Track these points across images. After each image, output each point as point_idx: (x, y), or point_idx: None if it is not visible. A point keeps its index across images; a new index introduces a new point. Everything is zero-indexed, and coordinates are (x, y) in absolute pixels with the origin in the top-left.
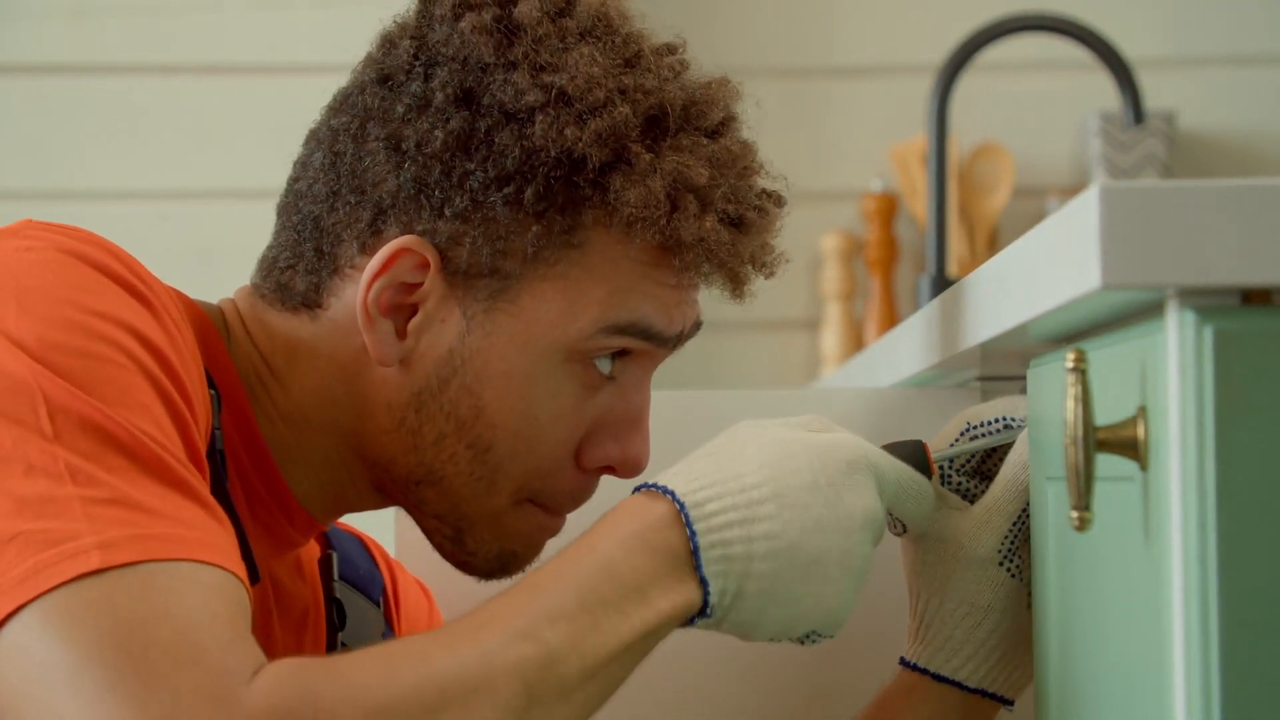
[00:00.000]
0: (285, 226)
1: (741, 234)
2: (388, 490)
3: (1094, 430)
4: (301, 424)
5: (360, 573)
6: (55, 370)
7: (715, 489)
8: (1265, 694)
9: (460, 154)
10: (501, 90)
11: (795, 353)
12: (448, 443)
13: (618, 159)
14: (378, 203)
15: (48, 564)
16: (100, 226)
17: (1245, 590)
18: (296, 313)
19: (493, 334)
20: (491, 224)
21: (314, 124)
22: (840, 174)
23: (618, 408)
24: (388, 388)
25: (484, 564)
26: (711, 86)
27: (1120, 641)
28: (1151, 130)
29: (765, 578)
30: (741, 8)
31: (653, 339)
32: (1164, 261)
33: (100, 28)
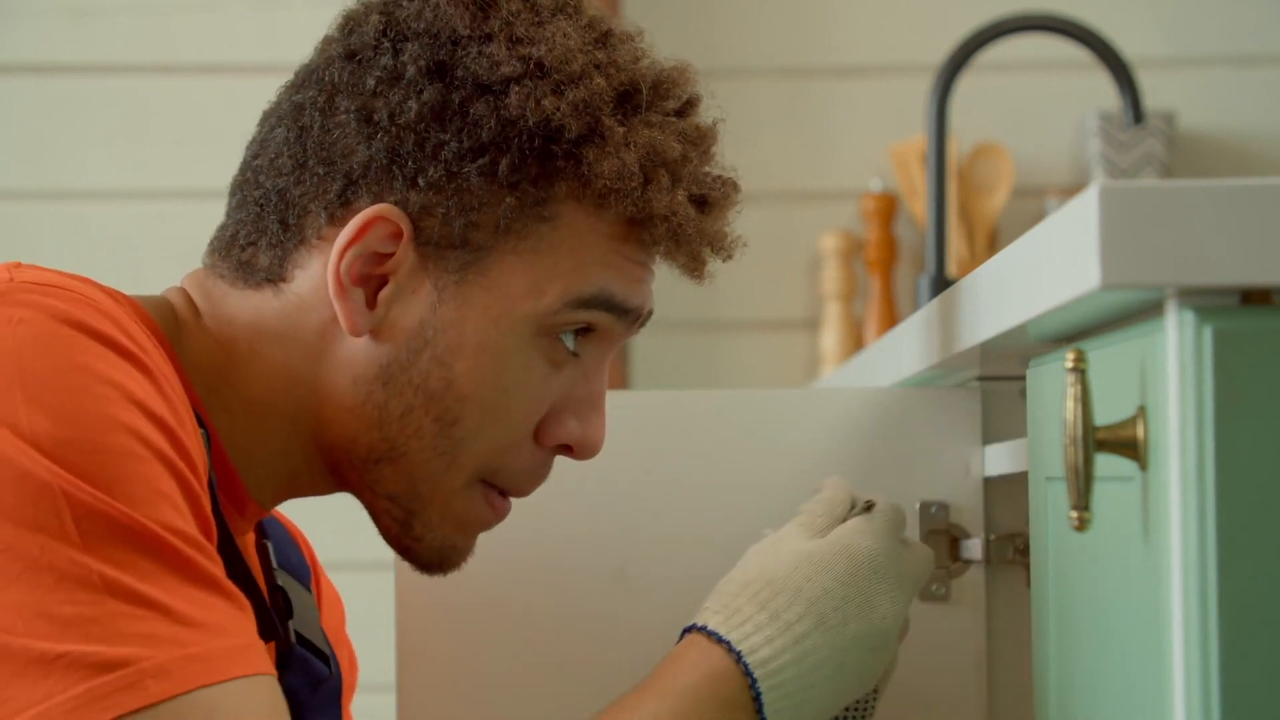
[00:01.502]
0: (244, 202)
1: (705, 214)
2: (343, 472)
3: (1093, 430)
4: (263, 410)
5: (293, 561)
6: (73, 470)
7: (765, 633)
8: (1264, 693)
9: (434, 125)
10: (476, 62)
11: (795, 353)
12: (414, 416)
13: (592, 131)
14: (348, 173)
15: (102, 693)
16: (100, 226)
17: (1244, 590)
18: (259, 289)
19: (464, 306)
20: (464, 195)
21: (270, 104)
22: (839, 174)
23: (580, 387)
24: (355, 362)
25: (426, 553)
26: (676, 69)
27: (1120, 641)
28: (1151, 130)
29: (817, 700)
30: (741, 8)
31: (617, 311)
32: (1163, 261)
33: (100, 27)
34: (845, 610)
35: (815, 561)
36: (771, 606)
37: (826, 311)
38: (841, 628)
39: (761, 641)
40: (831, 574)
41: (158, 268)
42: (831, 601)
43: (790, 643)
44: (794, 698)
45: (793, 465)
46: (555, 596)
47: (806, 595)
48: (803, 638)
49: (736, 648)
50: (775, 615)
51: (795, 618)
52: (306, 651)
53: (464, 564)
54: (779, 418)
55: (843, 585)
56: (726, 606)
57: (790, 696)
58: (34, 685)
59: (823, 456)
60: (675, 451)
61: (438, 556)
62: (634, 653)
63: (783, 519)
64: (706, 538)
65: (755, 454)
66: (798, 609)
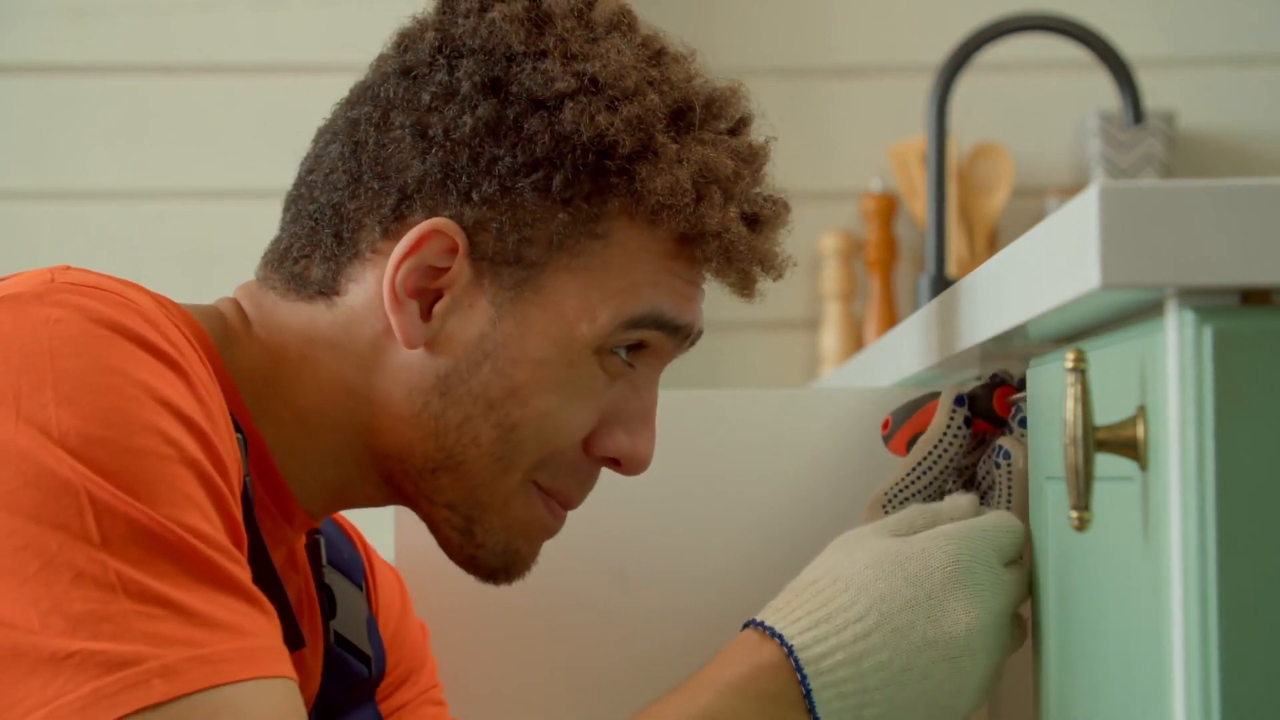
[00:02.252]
0: (299, 216)
1: (756, 232)
2: (396, 483)
3: (1093, 430)
4: (314, 421)
5: (345, 557)
6: (98, 469)
7: (821, 629)
8: (1264, 693)
9: (489, 140)
10: (531, 78)
11: (795, 353)
12: (472, 425)
13: (645, 148)
14: (402, 188)
15: (109, 692)
16: (100, 226)
17: (1244, 590)
18: (312, 301)
19: (524, 323)
20: (518, 210)
21: (325, 120)
22: (839, 174)
23: (631, 401)
24: (409, 372)
25: (490, 559)
26: (729, 88)
27: (1120, 641)
28: (1151, 130)
29: (880, 704)
30: (741, 8)
31: (668, 329)
32: (1163, 261)
33: (100, 27)
34: (913, 613)
35: (888, 560)
36: (833, 604)
37: (826, 311)
38: (908, 630)
39: (815, 638)
40: (902, 574)
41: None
42: (897, 603)
43: (848, 640)
44: (851, 699)
45: (792, 465)
46: (555, 596)
47: (870, 594)
48: (861, 637)
49: (788, 642)
50: (834, 613)
51: (856, 616)
52: (345, 652)
53: (528, 572)
54: (779, 418)
55: (912, 587)
56: (788, 603)
57: (847, 697)
58: (44, 685)
59: (823, 456)
60: (675, 451)
61: (502, 562)
62: (634, 652)
63: (783, 518)
64: (706, 537)
65: (755, 454)
66: (860, 607)
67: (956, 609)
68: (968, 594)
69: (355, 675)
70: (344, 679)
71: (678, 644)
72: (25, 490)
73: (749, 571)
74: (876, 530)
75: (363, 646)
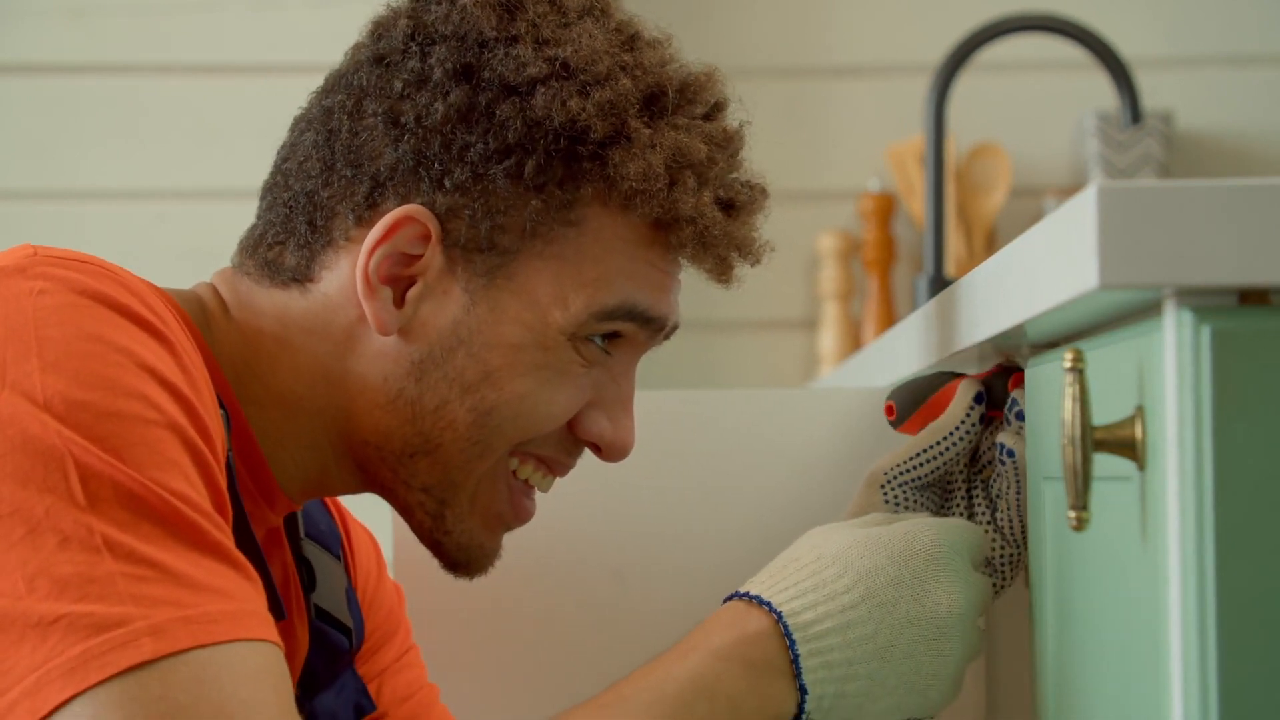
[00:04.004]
0: (274, 204)
1: (732, 217)
2: (372, 469)
3: (1091, 430)
4: (292, 405)
5: (322, 528)
6: (83, 433)
7: (809, 597)
8: (1262, 693)
9: (461, 127)
10: (503, 64)
11: (793, 353)
12: (449, 409)
13: (618, 133)
14: (375, 175)
15: (98, 652)
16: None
17: (1242, 589)
18: (286, 288)
19: (497, 309)
20: (491, 197)
21: (301, 109)
22: (837, 174)
23: (610, 389)
24: (384, 359)
25: (455, 549)
26: (703, 73)
27: (1117, 641)
28: (1149, 130)
29: (863, 678)
30: (739, 8)
31: (641, 321)
32: (1161, 261)
33: (100, 27)
34: (898, 590)
35: (871, 541)
36: (820, 575)
37: (824, 311)
38: (892, 606)
39: (804, 605)
40: (886, 552)
41: (157, 268)
42: (882, 578)
43: (835, 610)
44: (837, 669)
45: (790, 465)
46: (552, 596)
47: (857, 568)
48: (849, 608)
49: (777, 609)
50: (822, 583)
51: (844, 588)
52: (325, 625)
53: (491, 567)
54: (777, 418)
55: (896, 565)
56: (772, 577)
57: (832, 667)
58: (34, 649)
59: (821, 456)
60: (673, 452)
61: (465, 555)
62: (631, 652)
63: (780, 519)
64: (704, 538)
65: (753, 454)
66: (847, 580)
67: (938, 591)
68: (948, 579)
69: (337, 647)
70: (326, 651)
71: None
72: (11, 456)
73: (746, 572)
74: (849, 525)
75: (343, 618)
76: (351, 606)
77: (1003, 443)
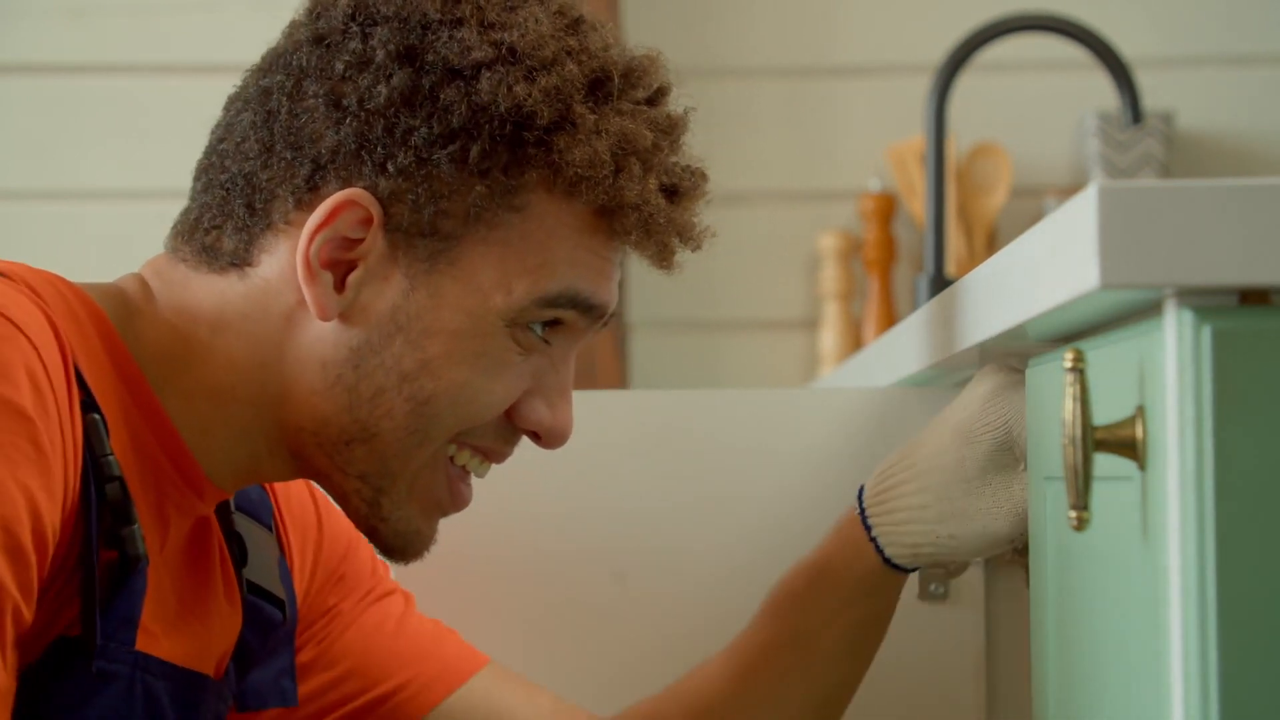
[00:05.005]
0: (210, 186)
1: (675, 204)
2: (308, 456)
3: (1092, 430)
4: (224, 395)
5: (252, 499)
6: None
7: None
8: (1262, 692)
9: (404, 110)
10: (447, 46)
11: (793, 352)
12: (385, 397)
13: (563, 119)
14: (316, 158)
15: None
16: (98, 226)
17: (1243, 589)
18: (224, 273)
19: (437, 295)
20: (434, 182)
21: (235, 88)
22: (838, 174)
23: (549, 375)
24: (323, 344)
25: (390, 535)
26: (646, 57)
27: (1118, 641)
28: (1149, 130)
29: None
30: (741, 8)
31: (583, 308)
32: (1162, 261)
33: (100, 27)
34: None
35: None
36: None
37: (825, 311)
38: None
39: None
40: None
41: None
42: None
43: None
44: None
45: (791, 465)
46: (553, 596)
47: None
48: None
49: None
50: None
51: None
52: (258, 599)
53: (426, 552)
54: (778, 418)
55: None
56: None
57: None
58: None
59: (821, 456)
60: (674, 451)
61: (401, 541)
62: (631, 652)
63: (780, 518)
64: (704, 538)
65: (754, 454)
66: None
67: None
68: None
69: (270, 620)
70: (259, 625)
71: (675, 644)
72: None
73: (746, 571)
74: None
75: (275, 590)
76: (284, 578)
77: None
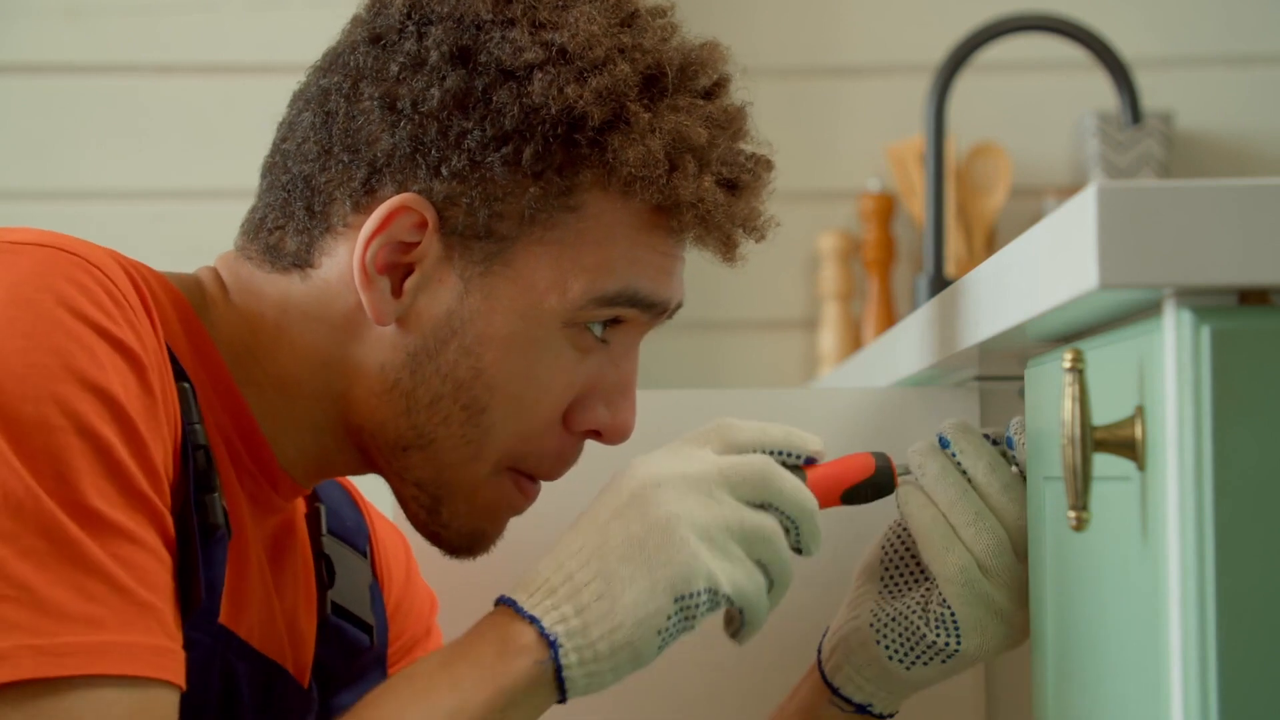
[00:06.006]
0: (273, 186)
1: (735, 196)
2: (372, 456)
3: (1091, 430)
4: (292, 389)
5: (347, 524)
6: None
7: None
8: (1262, 692)
9: (457, 112)
10: (499, 48)
11: (793, 352)
12: (443, 405)
13: (617, 118)
14: (372, 161)
15: None
16: (98, 226)
17: (1242, 589)
18: (287, 273)
19: (491, 298)
20: (489, 184)
21: (299, 85)
22: (838, 174)
23: (609, 373)
24: (382, 348)
25: (455, 538)
26: (705, 48)
27: (1118, 641)
28: (1149, 130)
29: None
30: (741, 8)
31: (644, 306)
32: (1161, 261)
33: (98, 27)
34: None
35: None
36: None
37: (825, 311)
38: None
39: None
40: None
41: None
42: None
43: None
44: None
45: None
46: None
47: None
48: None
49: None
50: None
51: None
52: (344, 621)
53: (493, 547)
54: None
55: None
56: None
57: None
58: None
59: None
60: None
61: (467, 542)
62: None
63: None
64: None
65: None
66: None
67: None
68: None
69: (356, 644)
70: (343, 649)
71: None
72: None
73: None
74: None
75: (364, 615)
76: (375, 604)
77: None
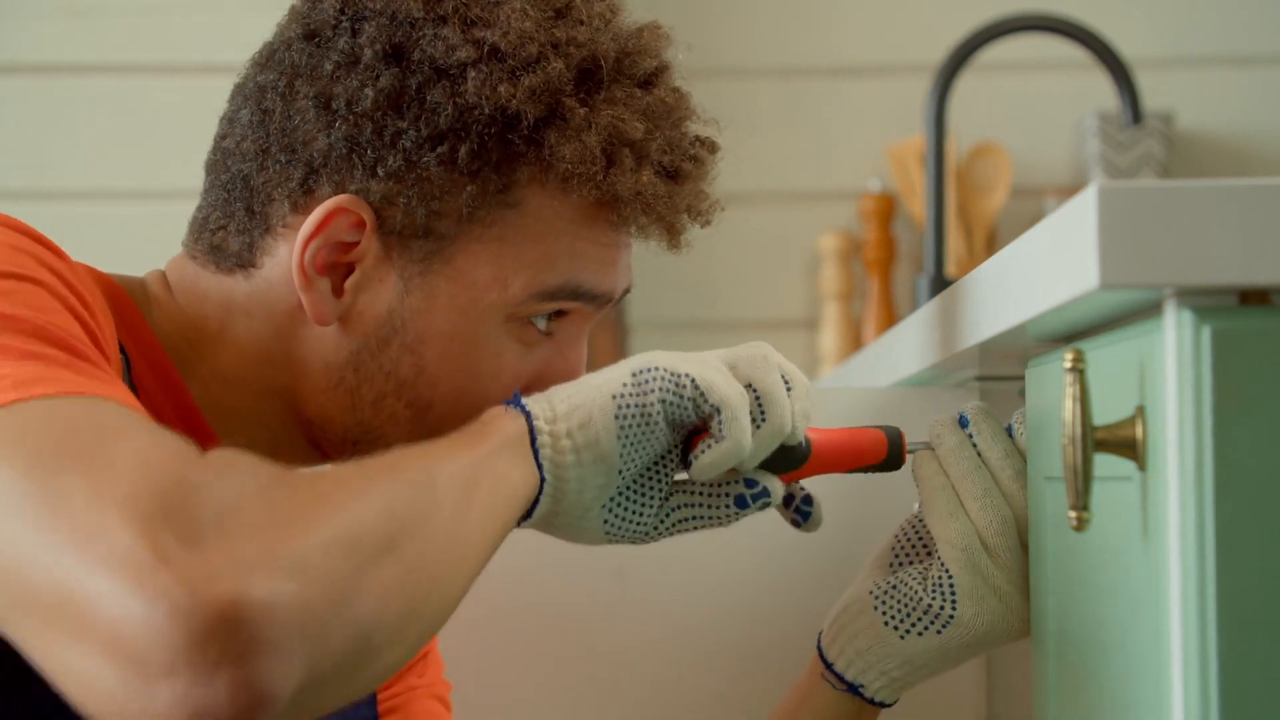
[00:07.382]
0: (214, 185)
1: (677, 184)
2: (323, 447)
3: (1092, 430)
4: (238, 385)
5: None
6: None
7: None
8: (1262, 692)
9: (392, 112)
10: (432, 45)
11: (793, 352)
12: (387, 402)
13: (552, 114)
14: (309, 162)
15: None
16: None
17: (1242, 589)
18: (231, 273)
19: (431, 296)
20: (425, 183)
21: (239, 79)
22: (838, 174)
23: (556, 363)
24: (324, 346)
25: None
26: (643, 34)
27: (1118, 641)
28: (1149, 130)
29: None
30: (740, 8)
31: (587, 299)
32: (1162, 261)
33: (98, 27)
34: None
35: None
36: None
37: (825, 311)
38: None
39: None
40: None
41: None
42: None
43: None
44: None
45: None
46: (554, 594)
47: None
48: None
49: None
50: None
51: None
52: None
53: None
54: None
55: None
56: None
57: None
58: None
59: None
60: None
61: None
62: (632, 649)
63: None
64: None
65: None
66: None
67: None
68: None
69: None
70: None
71: (675, 642)
72: None
73: (745, 569)
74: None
75: None
76: None
77: None
